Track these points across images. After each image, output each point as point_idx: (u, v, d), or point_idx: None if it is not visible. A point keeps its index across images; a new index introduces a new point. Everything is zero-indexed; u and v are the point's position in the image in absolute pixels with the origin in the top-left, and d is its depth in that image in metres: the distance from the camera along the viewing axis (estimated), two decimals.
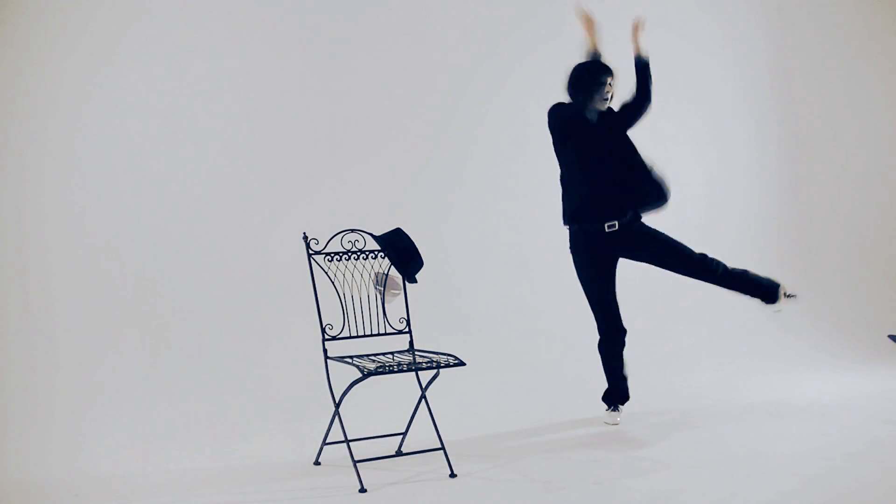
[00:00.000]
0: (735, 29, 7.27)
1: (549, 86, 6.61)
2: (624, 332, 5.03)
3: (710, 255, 5.09)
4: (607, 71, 5.00)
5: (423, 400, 4.30)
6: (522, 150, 6.56)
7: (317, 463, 4.32)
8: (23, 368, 5.15)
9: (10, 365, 5.14)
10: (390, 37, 6.22)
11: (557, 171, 6.89)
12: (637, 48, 5.06)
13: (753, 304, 7.02)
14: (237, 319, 5.64)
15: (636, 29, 5.09)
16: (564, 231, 5.02)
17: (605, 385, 5.11)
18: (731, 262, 7.06)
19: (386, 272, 4.35)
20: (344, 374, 4.37)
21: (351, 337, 4.29)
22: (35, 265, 5.31)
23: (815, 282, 7.24)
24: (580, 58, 5.13)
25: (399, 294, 4.39)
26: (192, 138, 5.69)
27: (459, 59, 6.42)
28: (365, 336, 4.34)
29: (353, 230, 4.29)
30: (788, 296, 5.10)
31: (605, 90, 4.95)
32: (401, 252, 4.30)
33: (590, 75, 4.95)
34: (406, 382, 4.69)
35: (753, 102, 7.31)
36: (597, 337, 5.08)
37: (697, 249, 5.15)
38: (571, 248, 5.02)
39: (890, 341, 6.07)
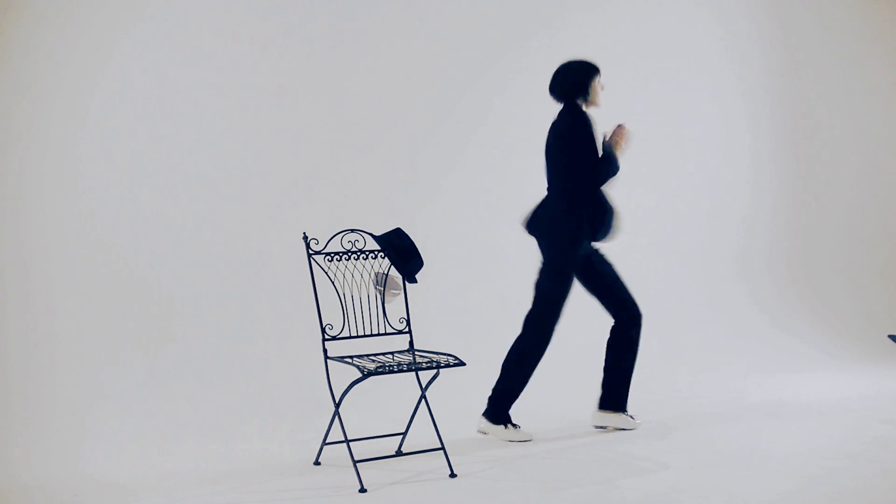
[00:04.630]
0: (733, 30, 7.28)
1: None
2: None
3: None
4: None
5: (423, 400, 4.30)
6: (524, 152, 6.56)
7: (317, 463, 4.32)
8: (23, 369, 5.15)
9: (11, 366, 5.14)
10: (391, 36, 6.22)
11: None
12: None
13: (752, 304, 7.06)
14: (237, 319, 5.64)
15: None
16: None
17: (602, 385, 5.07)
18: (731, 261, 7.11)
19: (386, 272, 4.35)
20: (344, 374, 4.37)
21: (351, 337, 4.29)
22: (36, 266, 5.30)
23: (815, 282, 7.25)
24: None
25: (399, 294, 4.39)
26: (192, 138, 5.69)
27: (461, 60, 6.42)
28: (365, 336, 4.34)
29: (353, 230, 4.29)
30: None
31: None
32: (401, 252, 4.30)
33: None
34: (406, 382, 4.70)
35: (751, 103, 7.31)
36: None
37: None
38: None
39: (890, 341, 6.08)
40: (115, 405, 5.10)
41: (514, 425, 4.74)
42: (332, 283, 4.24)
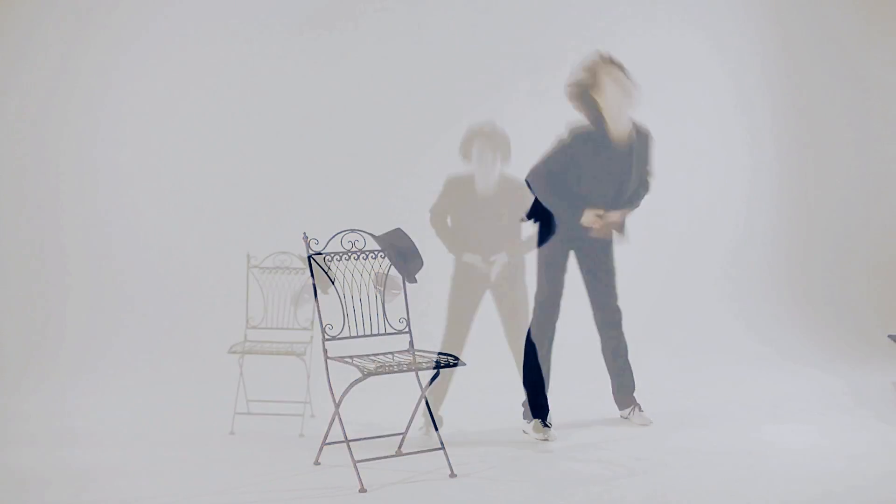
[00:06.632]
0: (730, 33, 7.27)
1: (552, 87, 6.64)
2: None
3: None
4: None
5: (423, 400, 4.29)
6: (523, 150, 6.55)
7: (317, 463, 4.32)
8: (22, 368, 5.15)
9: (9, 365, 5.14)
10: (391, 38, 6.22)
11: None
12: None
13: (753, 304, 7.06)
14: (237, 319, 5.64)
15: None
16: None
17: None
18: (731, 261, 7.10)
19: (386, 272, 4.35)
20: (344, 374, 4.37)
21: (351, 337, 4.29)
22: (34, 265, 5.30)
23: (815, 281, 7.24)
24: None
25: (399, 294, 4.38)
26: (192, 139, 5.69)
27: (462, 61, 6.42)
28: (365, 336, 4.33)
29: (353, 230, 4.29)
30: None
31: None
32: (401, 252, 4.29)
33: None
34: (406, 382, 4.70)
35: (749, 105, 7.31)
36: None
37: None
38: None
39: (890, 341, 6.07)
40: (115, 405, 5.10)
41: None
42: (332, 283, 4.23)
